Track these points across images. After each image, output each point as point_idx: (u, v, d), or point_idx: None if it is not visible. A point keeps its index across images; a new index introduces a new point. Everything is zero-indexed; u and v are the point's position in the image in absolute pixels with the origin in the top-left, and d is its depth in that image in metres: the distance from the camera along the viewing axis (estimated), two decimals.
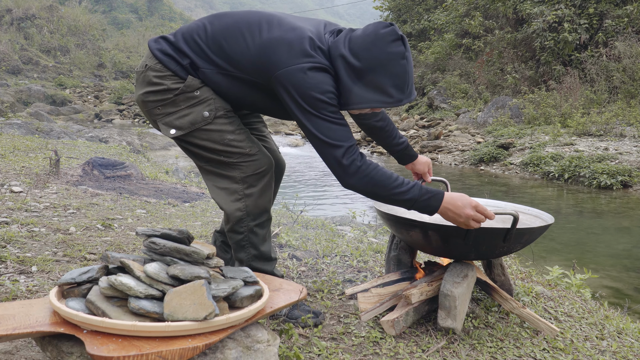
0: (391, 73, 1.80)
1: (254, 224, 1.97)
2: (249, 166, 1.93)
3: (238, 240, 2.00)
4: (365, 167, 1.84)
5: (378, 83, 1.80)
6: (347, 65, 1.81)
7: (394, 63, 1.80)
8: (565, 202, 8.39)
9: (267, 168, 1.96)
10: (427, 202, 1.89)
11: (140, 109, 2.01)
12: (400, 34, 1.80)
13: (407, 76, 1.82)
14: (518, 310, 2.23)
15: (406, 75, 1.82)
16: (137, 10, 45.79)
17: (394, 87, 1.81)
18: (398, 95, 1.82)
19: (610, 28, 15.05)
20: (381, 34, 1.79)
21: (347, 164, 1.82)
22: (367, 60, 1.79)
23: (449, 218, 1.92)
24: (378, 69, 1.79)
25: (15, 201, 3.91)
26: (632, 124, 11.80)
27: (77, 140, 10.53)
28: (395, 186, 1.86)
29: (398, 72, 1.81)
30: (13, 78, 24.87)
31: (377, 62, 1.79)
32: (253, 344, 1.54)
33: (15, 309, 1.50)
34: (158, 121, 1.95)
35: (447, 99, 19.34)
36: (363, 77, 1.80)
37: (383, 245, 3.63)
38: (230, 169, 1.93)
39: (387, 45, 1.79)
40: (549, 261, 4.68)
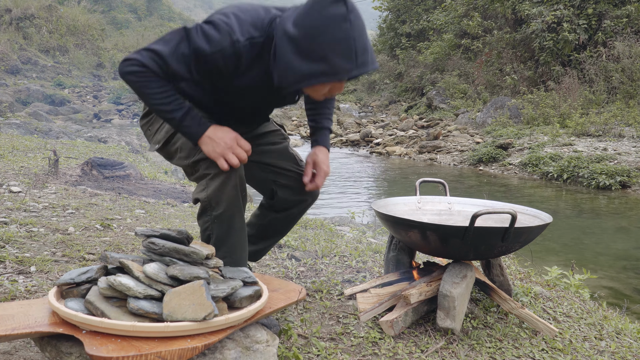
0: (331, 39, 1.56)
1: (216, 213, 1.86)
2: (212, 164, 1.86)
3: (203, 230, 1.92)
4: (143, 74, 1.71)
5: (318, 52, 1.57)
6: (287, 37, 1.61)
7: (334, 27, 1.55)
8: (564, 202, 8.40)
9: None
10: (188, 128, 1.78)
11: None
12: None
13: (352, 41, 1.56)
14: (517, 311, 2.23)
15: (350, 40, 1.56)
16: (136, 10, 45.74)
17: (338, 55, 1.57)
18: (344, 64, 1.57)
19: (609, 28, 15.06)
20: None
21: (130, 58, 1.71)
22: (304, 27, 1.58)
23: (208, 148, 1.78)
24: (316, 36, 1.56)
25: (14, 201, 3.91)
26: (631, 124, 11.81)
27: (76, 140, 10.52)
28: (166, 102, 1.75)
29: (340, 37, 1.55)
30: (12, 78, 24.83)
31: (314, 27, 1.56)
32: (252, 345, 1.54)
33: (14, 309, 1.50)
34: (150, 142, 2.02)
35: (446, 99, 19.35)
36: (301, 46, 1.59)
37: (382, 245, 3.63)
38: (198, 167, 1.90)
39: (324, 8, 1.56)
40: (547, 261, 4.68)
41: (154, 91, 1.73)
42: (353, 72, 1.60)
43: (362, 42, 1.60)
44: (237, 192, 1.84)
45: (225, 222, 1.86)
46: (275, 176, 2.13)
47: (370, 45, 1.66)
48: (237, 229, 1.90)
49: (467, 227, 1.98)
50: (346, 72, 1.59)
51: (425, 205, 2.72)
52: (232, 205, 1.84)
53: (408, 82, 24.16)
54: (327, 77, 1.60)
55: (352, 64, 1.59)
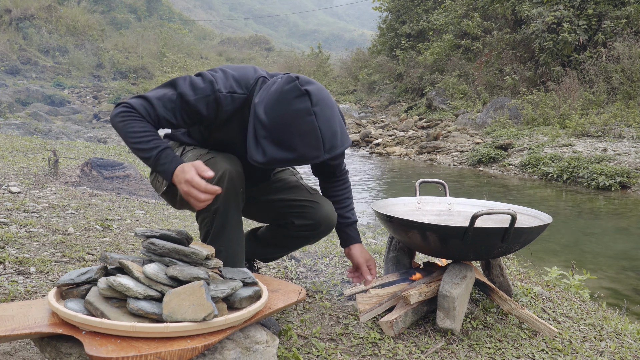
0: (298, 132, 1.69)
1: (213, 208, 1.89)
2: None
3: (202, 226, 1.96)
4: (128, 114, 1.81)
5: (287, 143, 1.70)
6: (256, 117, 1.74)
7: (300, 121, 1.68)
8: (564, 203, 8.40)
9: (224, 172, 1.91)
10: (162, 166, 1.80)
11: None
12: (304, 88, 1.69)
13: (319, 132, 1.69)
14: (517, 311, 2.23)
15: (316, 131, 1.69)
16: (135, 10, 45.75)
17: (305, 146, 1.70)
18: (313, 152, 1.71)
19: (609, 29, 15.07)
20: (285, 90, 1.71)
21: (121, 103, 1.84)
22: (273, 119, 1.70)
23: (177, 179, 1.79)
24: (283, 128, 1.69)
25: (13, 202, 3.91)
26: (631, 125, 11.81)
27: (75, 141, 10.52)
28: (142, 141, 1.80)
29: (306, 130, 1.68)
30: (11, 78, 24.83)
31: (282, 121, 1.69)
32: (252, 345, 1.54)
33: (14, 310, 1.50)
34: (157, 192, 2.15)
35: (445, 100, 19.35)
36: (272, 136, 1.72)
37: (382, 246, 3.63)
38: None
39: (290, 103, 1.69)
40: (547, 262, 4.68)
41: (135, 130, 1.81)
42: (321, 158, 1.73)
43: (330, 129, 1.73)
44: (233, 186, 1.87)
45: (222, 216, 1.90)
46: (290, 208, 2.20)
47: (340, 127, 1.78)
48: (233, 223, 1.93)
49: (467, 227, 1.98)
50: (315, 159, 1.73)
51: (425, 206, 2.72)
52: (229, 199, 1.88)
53: (408, 83, 24.16)
54: (297, 163, 1.76)
55: (319, 151, 1.72)
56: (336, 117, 1.78)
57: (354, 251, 2.27)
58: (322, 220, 2.17)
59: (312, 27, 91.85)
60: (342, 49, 44.92)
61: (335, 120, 1.77)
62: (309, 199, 2.19)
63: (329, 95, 1.79)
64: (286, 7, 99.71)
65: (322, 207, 2.17)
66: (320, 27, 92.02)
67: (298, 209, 2.18)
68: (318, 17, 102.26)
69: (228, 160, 1.90)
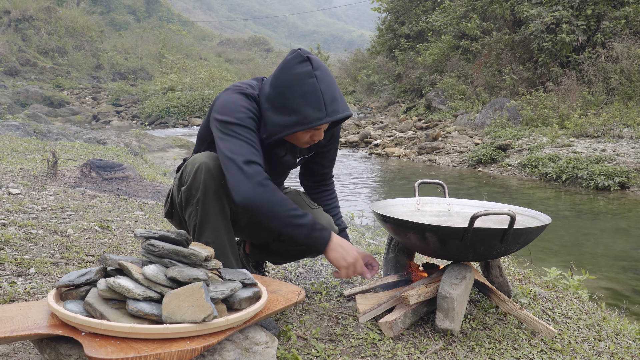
0: (300, 93, 1.80)
1: (195, 200, 1.94)
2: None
3: (189, 221, 2.00)
4: (269, 182, 1.84)
5: (290, 106, 1.82)
6: (265, 97, 1.88)
7: (302, 83, 1.81)
8: (563, 203, 8.40)
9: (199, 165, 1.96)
10: (320, 232, 1.90)
11: None
12: (306, 55, 1.83)
13: (320, 93, 1.80)
14: (516, 312, 2.24)
15: (317, 92, 1.80)
16: (135, 11, 45.77)
17: (308, 106, 1.81)
18: (315, 114, 1.81)
19: (608, 29, 15.08)
20: (288, 59, 1.85)
21: (251, 172, 1.81)
22: (277, 86, 1.83)
23: (337, 255, 1.94)
24: (287, 92, 1.81)
25: (12, 203, 3.91)
26: (630, 125, 11.82)
27: (74, 142, 10.52)
28: (294, 207, 1.87)
29: (307, 90, 1.80)
30: (10, 79, 24.83)
31: (285, 85, 1.82)
32: (251, 346, 1.54)
33: (14, 311, 1.50)
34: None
35: (445, 101, 19.36)
36: (275, 103, 1.84)
37: (381, 246, 3.63)
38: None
39: (292, 68, 1.83)
40: (546, 262, 4.68)
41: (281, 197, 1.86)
42: (324, 120, 1.82)
43: (330, 93, 1.83)
44: (210, 176, 1.90)
45: (204, 206, 1.93)
46: None
47: (340, 95, 1.87)
48: (216, 211, 1.93)
49: (466, 228, 1.98)
50: (317, 120, 1.82)
51: (424, 207, 2.72)
52: (208, 189, 1.91)
53: (407, 83, 24.17)
54: (301, 126, 1.83)
55: (322, 112, 1.82)
56: (336, 85, 1.88)
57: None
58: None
59: (311, 28, 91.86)
60: (341, 49, 44.96)
61: (335, 87, 1.87)
62: (310, 207, 2.22)
63: (328, 68, 1.90)
64: (285, 8, 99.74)
65: (321, 220, 2.20)
66: (320, 28, 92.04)
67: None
68: (317, 18, 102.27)
69: (206, 155, 1.95)
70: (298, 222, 1.85)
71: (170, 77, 27.03)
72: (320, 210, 2.27)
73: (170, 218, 2.26)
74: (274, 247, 2.31)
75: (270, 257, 2.42)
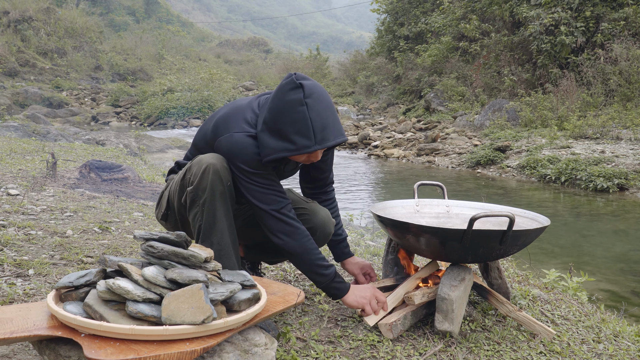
0: (290, 120, 1.84)
1: (201, 201, 1.96)
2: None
3: (194, 222, 2.02)
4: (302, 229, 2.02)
5: (281, 132, 1.86)
6: (263, 120, 1.93)
7: (292, 110, 1.84)
8: (562, 205, 8.41)
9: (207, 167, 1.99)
10: (339, 284, 2.07)
11: None
12: (299, 82, 1.85)
13: (310, 122, 1.83)
14: (514, 314, 2.24)
15: (307, 120, 1.83)
16: (134, 12, 45.76)
17: (297, 134, 1.84)
18: (303, 141, 1.84)
19: (607, 31, 15.10)
20: (282, 84, 1.89)
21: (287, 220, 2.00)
22: (271, 110, 1.88)
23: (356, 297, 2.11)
24: (279, 118, 1.86)
25: (12, 204, 3.91)
26: (629, 126, 11.83)
27: (74, 143, 10.51)
28: (321, 257, 2.04)
29: (297, 119, 1.83)
30: (10, 80, 24.81)
31: (277, 110, 1.87)
32: (251, 348, 1.54)
33: (13, 313, 1.50)
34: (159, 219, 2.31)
35: (444, 102, 19.37)
36: (269, 126, 1.89)
37: (380, 248, 3.63)
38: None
39: (285, 94, 1.86)
40: (545, 264, 4.69)
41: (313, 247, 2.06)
42: (313, 148, 1.85)
43: (321, 121, 1.85)
44: (218, 177, 1.93)
45: (210, 207, 1.95)
46: None
47: (333, 122, 1.89)
48: (222, 213, 1.96)
49: (466, 230, 1.99)
50: (306, 148, 1.85)
51: (423, 208, 2.72)
52: (215, 191, 1.93)
53: (406, 85, 24.17)
54: (290, 152, 1.87)
55: (310, 141, 1.84)
56: (330, 111, 1.90)
57: (348, 265, 2.46)
58: (318, 226, 2.20)
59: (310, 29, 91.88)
60: (341, 51, 44.96)
61: (328, 113, 1.89)
62: (305, 207, 2.22)
63: (324, 92, 1.92)
64: (285, 9, 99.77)
65: (318, 213, 2.22)
66: (319, 29, 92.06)
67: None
68: (316, 19, 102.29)
69: (213, 157, 1.97)
70: (322, 272, 2.04)
71: (169, 78, 27.03)
72: (316, 204, 2.28)
73: (164, 221, 2.26)
74: (271, 247, 2.31)
75: (265, 257, 2.42)
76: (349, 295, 2.09)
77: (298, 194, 2.35)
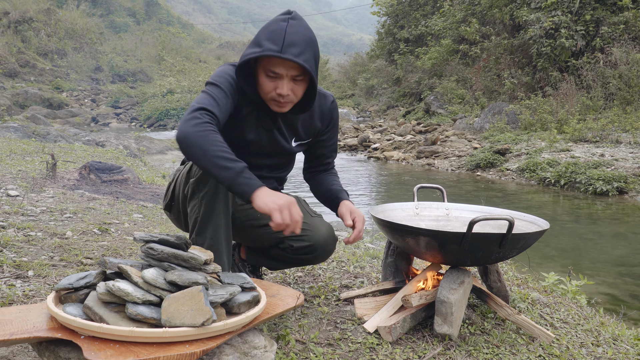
0: (269, 30, 1.91)
1: (202, 194, 1.94)
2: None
3: (191, 214, 2.01)
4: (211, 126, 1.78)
5: (257, 39, 1.93)
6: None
7: (274, 23, 1.93)
8: (561, 208, 8.41)
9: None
10: (248, 180, 1.73)
11: None
12: (292, 11, 1.97)
13: (284, 33, 1.88)
14: (513, 317, 2.24)
15: (282, 31, 1.88)
16: (134, 14, 45.78)
17: (267, 40, 1.89)
18: (269, 45, 1.87)
19: (607, 35, 15.13)
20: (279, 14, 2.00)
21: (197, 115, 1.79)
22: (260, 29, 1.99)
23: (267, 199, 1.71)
24: (261, 30, 1.95)
25: (11, 205, 3.91)
26: (628, 130, 11.84)
27: (73, 144, 10.52)
28: (226, 151, 1.74)
29: (274, 29, 1.90)
30: (10, 81, 24.83)
31: (263, 26, 1.97)
32: (250, 350, 1.54)
33: (13, 314, 1.50)
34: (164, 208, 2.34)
35: (443, 105, 19.40)
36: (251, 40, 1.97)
37: (380, 250, 3.63)
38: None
39: (277, 16, 1.98)
40: (545, 267, 4.69)
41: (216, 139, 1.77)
42: (275, 53, 1.85)
43: (295, 39, 1.88)
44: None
45: (209, 202, 1.93)
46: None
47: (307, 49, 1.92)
48: (220, 210, 1.94)
49: (465, 233, 1.99)
50: (269, 51, 1.86)
51: (423, 211, 2.72)
52: (218, 185, 1.92)
53: (406, 87, 24.21)
54: (256, 54, 1.88)
55: (277, 47, 1.86)
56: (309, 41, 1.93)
57: (340, 208, 2.21)
58: (319, 244, 2.17)
59: None
60: (341, 53, 45.01)
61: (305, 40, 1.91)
62: (307, 222, 2.19)
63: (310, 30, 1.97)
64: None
65: (320, 230, 2.19)
66: (319, 32, 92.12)
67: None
68: (317, 22, 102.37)
69: None
70: (226, 164, 1.72)
71: (169, 80, 27.04)
72: (320, 219, 2.25)
73: (168, 211, 2.27)
74: (272, 253, 2.30)
75: (267, 263, 2.40)
76: (259, 196, 1.72)
77: (307, 206, 2.32)
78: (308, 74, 1.98)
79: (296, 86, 1.98)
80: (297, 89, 1.99)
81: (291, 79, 1.95)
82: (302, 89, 2.01)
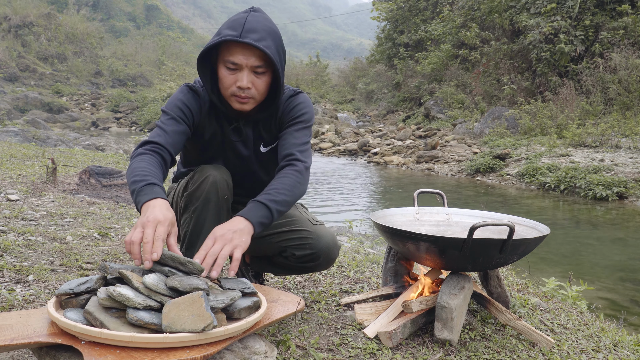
0: (230, 20, 1.92)
1: (193, 208, 1.96)
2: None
3: (182, 228, 2.03)
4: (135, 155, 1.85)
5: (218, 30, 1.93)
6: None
7: (236, 15, 1.94)
8: (561, 213, 8.41)
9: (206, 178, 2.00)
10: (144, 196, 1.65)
11: None
12: (256, 7, 1.99)
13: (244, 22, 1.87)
14: (514, 323, 2.24)
15: (242, 20, 1.88)
16: (134, 18, 45.88)
17: (227, 28, 1.87)
18: (228, 32, 1.86)
19: (606, 40, 15.16)
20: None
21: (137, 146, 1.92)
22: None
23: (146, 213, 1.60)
24: (224, 23, 1.93)
25: (11, 209, 3.91)
26: (628, 135, 11.86)
27: (73, 149, 10.52)
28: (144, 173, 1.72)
29: (235, 19, 1.90)
30: (10, 85, 24.86)
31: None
32: (251, 356, 1.54)
33: (14, 319, 1.50)
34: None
35: (443, 110, 19.42)
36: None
37: (380, 256, 3.63)
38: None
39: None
40: (545, 273, 4.69)
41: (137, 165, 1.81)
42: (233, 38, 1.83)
43: (255, 26, 1.87)
44: (215, 189, 1.93)
45: (200, 216, 1.94)
46: (291, 241, 2.16)
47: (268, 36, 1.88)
48: (211, 226, 1.81)
49: (466, 239, 1.99)
50: (227, 36, 1.84)
51: (423, 216, 2.72)
52: (209, 201, 1.93)
53: (406, 92, 24.25)
54: (214, 41, 1.87)
55: (235, 33, 1.84)
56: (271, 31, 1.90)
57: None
58: (322, 251, 2.14)
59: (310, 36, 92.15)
60: (341, 58, 45.08)
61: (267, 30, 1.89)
62: (309, 229, 2.16)
63: (273, 24, 1.97)
64: (285, 16, 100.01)
65: (322, 237, 2.14)
66: (319, 36, 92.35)
67: (298, 240, 2.14)
68: (316, 26, 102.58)
69: (215, 167, 1.98)
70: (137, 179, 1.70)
71: (169, 84, 27.07)
72: (322, 227, 2.21)
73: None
74: (276, 261, 2.27)
75: (271, 269, 2.38)
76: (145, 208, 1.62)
77: (308, 213, 2.29)
78: (271, 67, 1.91)
79: (257, 79, 1.90)
80: (259, 83, 1.91)
81: (252, 70, 1.88)
82: (265, 83, 1.93)
